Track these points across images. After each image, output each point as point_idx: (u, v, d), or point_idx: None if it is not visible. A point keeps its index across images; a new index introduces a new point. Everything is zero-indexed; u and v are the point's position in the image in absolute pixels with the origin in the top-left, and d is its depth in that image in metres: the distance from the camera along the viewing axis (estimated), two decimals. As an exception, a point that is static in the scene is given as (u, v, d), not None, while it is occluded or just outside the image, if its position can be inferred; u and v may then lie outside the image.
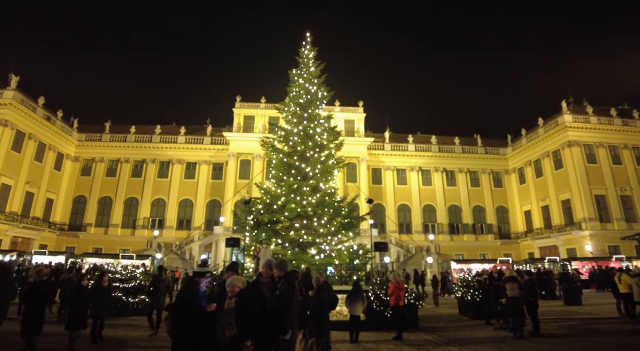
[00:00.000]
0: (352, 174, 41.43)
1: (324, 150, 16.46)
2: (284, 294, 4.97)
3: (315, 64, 18.29)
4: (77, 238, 40.32)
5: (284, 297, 4.94)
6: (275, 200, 15.07)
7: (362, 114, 43.91)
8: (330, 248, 15.21)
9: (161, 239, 37.50)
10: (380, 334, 10.26)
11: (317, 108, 17.41)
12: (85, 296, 8.55)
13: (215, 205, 41.53)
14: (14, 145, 35.46)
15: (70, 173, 42.94)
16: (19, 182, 35.90)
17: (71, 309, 8.40)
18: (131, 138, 43.74)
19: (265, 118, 42.68)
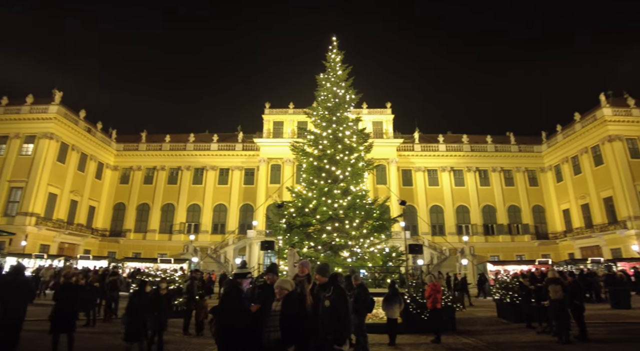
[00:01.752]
0: (382, 176, 41.15)
1: (353, 152, 16.46)
2: (336, 302, 4.89)
3: (342, 67, 18.36)
4: (117, 243, 42.14)
5: (338, 305, 4.86)
6: (307, 203, 15.20)
7: (389, 115, 43.60)
8: (363, 251, 15.18)
9: (196, 243, 38.58)
10: (417, 337, 10.15)
11: (345, 111, 17.46)
12: (145, 305, 7.90)
13: (247, 209, 42.35)
14: (59, 156, 37.59)
15: (110, 182, 45.02)
16: (64, 191, 38.01)
17: (131, 318, 7.62)
18: (166, 146, 45.38)
19: (293, 123, 43.17)
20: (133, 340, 7.42)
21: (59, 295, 8.04)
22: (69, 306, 7.81)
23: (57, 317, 7.57)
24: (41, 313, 11.13)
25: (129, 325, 7.50)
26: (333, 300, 5.02)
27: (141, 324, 7.66)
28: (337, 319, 4.85)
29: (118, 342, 9.24)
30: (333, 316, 4.88)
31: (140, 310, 7.64)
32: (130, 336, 7.38)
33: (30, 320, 10.46)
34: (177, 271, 15.45)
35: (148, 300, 8.02)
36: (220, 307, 4.51)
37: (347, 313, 4.91)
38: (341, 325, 4.81)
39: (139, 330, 7.60)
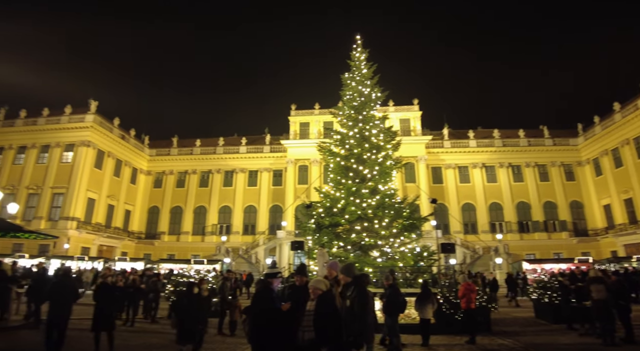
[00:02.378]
0: (411, 174, 40.59)
1: (380, 151, 16.30)
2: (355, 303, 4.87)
3: (367, 65, 18.22)
4: (152, 245, 43.62)
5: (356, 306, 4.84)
6: (335, 203, 15.19)
7: (417, 112, 42.94)
8: (393, 250, 15.01)
9: (228, 244, 39.36)
10: (451, 337, 9.96)
11: (372, 109, 17.31)
12: (195, 306, 7.76)
13: (277, 210, 42.84)
14: (96, 162, 39.37)
15: (144, 186, 46.70)
16: (102, 196, 39.77)
17: (181, 320, 7.47)
18: (197, 150, 46.65)
19: (319, 123, 43.32)
20: (186, 341, 7.37)
21: (97, 295, 8.43)
22: (108, 306, 8.15)
23: (97, 316, 7.94)
24: (83, 312, 11.69)
25: (180, 327, 7.35)
26: (352, 299, 5.00)
27: (193, 325, 7.56)
28: (354, 320, 4.82)
29: (155, 341, 9.59)
30: (352, 316, 4.86)
31: (191, 311, 7.55)
32: (184, 338, 7.32)
33: (73, 319, 11.04)
34: (210, 272, 15.78)
35: (197, 301, 7.97)
36: (252, 307, 4.58)
37: (363, 314, 4.84)
38: (358, 326, 4.76)
39: (192, 332, 7.51)
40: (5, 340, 9.10)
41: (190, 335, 7.39)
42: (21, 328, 10.53)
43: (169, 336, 10.06)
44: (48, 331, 7.61)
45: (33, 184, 38.00)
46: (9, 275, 11.90)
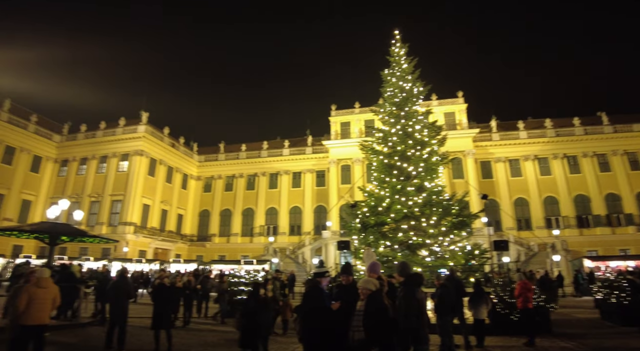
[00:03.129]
0: (458, 170, 39.24)
1: (425, 147, 15.89)
2: (402, 303, 4.80)
3: (407, 60, 17.83)
4: (204, 247, 45.46)
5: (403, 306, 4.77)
6: (380, 202, 14.99)
7: (462, 105, 41.42)
8: (442, 249, 14.58)
9: (276, 244, 40.15)
10: (507, 339, 9.51)
11: (414, 104, 16.91)
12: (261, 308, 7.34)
13: (321, 210, 43.14)
14: (149, 170, 41.66)
15: (195, 191, 48.84)
16: (155, 201, 42.03)
17: (248, 322, 6.98)
18: (242, 155, 48.18)
19: (360, 122, 43.06)
20: (250, 343, 6.95)
21: (154, 295, 8.91)
22: (164, 305, 8.58)
23: (156, 315, 8.38)
24: (145, 311, 12.38)
25: (245, 329, 6.95)
26: (400, 299, 4.93)
27: (258, 327, 7.15)
28: (404, 320, 4.74)
29: (211, 339, 9.95)
30: (403, 316, 4.79)
31: (257, 313, 7.14)
32: (247, 340, 6.89)
33: (137, 317, 11.73)
34: (260, 272, 16.13)
35: (263, 302, 7.60)
36: (303, 306, 4.62)
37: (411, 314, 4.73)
38: (407, 325, 4.66)
39: (257, 333, 7.12)
40: (77, 335, 9.86)
41: (255, 338, 6.99)
42: (90, 324, 11.35)
43: (224, 334, 10.46)
44: (110, 327, 8.29)
45: (94, 192, 40.93)
46: (77, 277, 12.85)
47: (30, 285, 6.15)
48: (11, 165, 39.54)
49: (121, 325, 8.25)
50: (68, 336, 9.56)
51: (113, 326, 8.29)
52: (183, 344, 9.28)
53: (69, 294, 11.42)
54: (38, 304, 5.96)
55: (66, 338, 9.37)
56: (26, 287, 6.10)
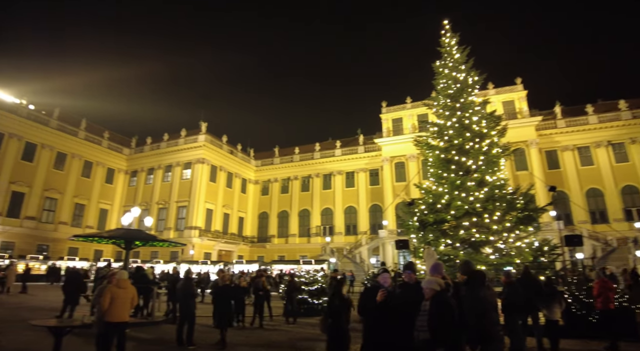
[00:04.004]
0: (522, 161, 36.94)
1: (484, 139, 15.13)
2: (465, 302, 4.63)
3: (459, 49, 17.09)
4: (264, 248, 46.96)
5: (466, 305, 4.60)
6: (438, 199, 14.51)
7: (521, 92, 38.91)
8: (508, 246, 13.80)
9: (332, 244, 40.45)
10: (585, 342, 8.77)
11: (470, 95, 16.17)
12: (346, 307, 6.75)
13: (376, 209, 42.74)
14: (210, 176, 43.91)
15: (253, 194, 50.71)
16: (218, 206, 44.18)
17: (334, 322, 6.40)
18: (296, 158, 49.15)
19: (413, 117, 42.04)
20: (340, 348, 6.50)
21: (216, 295, 9.37)
22: (225, 304, 9.01)
23: (217, 313, 8.83)
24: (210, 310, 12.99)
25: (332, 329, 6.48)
26: (465, 298, 4.72)
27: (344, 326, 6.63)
28: (470, 319, 4.55)
29: (274, 338, 10.21)
30: (471, 316, 4.60)
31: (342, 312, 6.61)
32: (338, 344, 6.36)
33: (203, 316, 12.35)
34: (319, 271, 16.31)
35: (347, 301, 7.05)
36: (364, 304, 4.62)
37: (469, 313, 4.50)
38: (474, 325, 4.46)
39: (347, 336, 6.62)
40: (152, 332, 10.61)
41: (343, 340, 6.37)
42: (163, 322, 12.16)
43: (288, 333, 10.68)
44: (179, 324, 8.83)
45: (161, 200, 43.93)
46: (150, 278, 13.82)
47: (112, 285, 6.71)
48: (89, 178, 43.80)
49: (189, 323, 8.78)
50: (145, 333, 10.29)
51: (182, 324, 8.81)
52: (247, 344, 9.61)
53: (144, 294, 12.33)
54: (119, 303, 6.50)
55: (143, 334, 10.10)
56: (109, 288, 6.67)
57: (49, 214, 39.51)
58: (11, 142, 36.74)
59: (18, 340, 8.83)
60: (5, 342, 8.55)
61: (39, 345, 8.29)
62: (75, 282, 12.93)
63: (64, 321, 8.10)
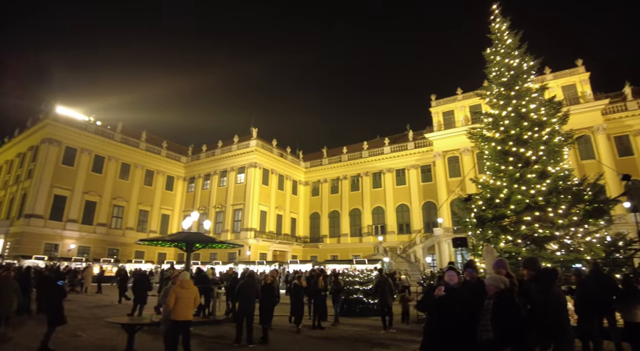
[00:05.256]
0: (587, 149, 34.18)
1: (544, 127, 14.17)
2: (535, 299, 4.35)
3: (511, 34, 16.15)
4: (317, 248, 47.39)
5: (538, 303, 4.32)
6: (496, 193, 13.79)
7: (583, 74, 35.90)
8: (576, 241, 12.81)
9: (385, 244, 39.94)
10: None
11: (525, 82, 15.23)
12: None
13: (430, 207, 41.57)
14: (263, 179, 45.18)
15: (304, 195, 51.42)
16: (271, 208, 45.36)
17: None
18: (344, 157, 49.12)
19: (464, 109, 40.37)
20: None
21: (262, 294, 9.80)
22: (268, 302, 9.59)
23: (260, 311, 9.29)
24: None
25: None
26: (535, 296, 4.42)
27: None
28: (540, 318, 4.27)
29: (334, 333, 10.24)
30: (542, 315, 4.31)
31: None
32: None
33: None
34: (373, 271, 16.17)
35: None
36: (423, 301, 4.52)
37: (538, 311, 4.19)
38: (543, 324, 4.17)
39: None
40: (214, 330, 11.09)
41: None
42: (223, 321, 12.65)
43: (339, 332, 10.67)
44: (239, 323, 9.19)
45: (218, 204, 45.88)
46: (210, 279, 14.43)
47: (176, 286, 7.09)
48: (151, 185, 46.90)
49: (249, 320, 9.12)
50: (207, 331, 10.77)
51: (241, 323, 9.16)
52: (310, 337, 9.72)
53: (205, 294, 12.90)
54: (183, 303, 6.86)
55: (206, 332, 10.57)
56: (173, 288, 7.06)
57: (117, 220, 42.81)
58: (83, 156, 40.28)
59: (97, 335, 9.60)
60: (86, 337, 9.34)
61: (114, 340, 8.96)
62: (143, 283, 13.85)
63: (135, 319, 8.68)
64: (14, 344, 8.58)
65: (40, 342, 7.57)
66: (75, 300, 17.73)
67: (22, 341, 8.94)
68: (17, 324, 11.20)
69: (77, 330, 9.97)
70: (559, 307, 4.29)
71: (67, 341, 8.08)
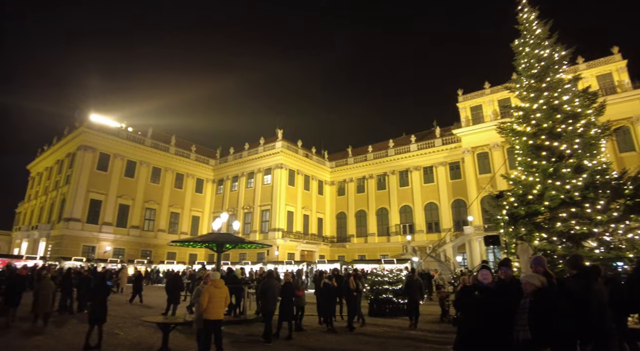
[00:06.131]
0: (626, 141, 32.47)
1: (578, 119, 13.57)
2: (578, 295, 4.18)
3: (540, 24, 15.56)
4: (344, 247, 47.28)
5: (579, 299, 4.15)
6: (529, 189, 13.32)
7: (620, 62, 34.10)
8: (616, 238, 12.21)
9: (413, 243, 39.39)
10: None
11: (557, 72, 14.64)
12: None
13: (459, 204, 40.65)
14: (289, 180, 45.52)
15: (330, 195, 51.40)
16: (297, 208, 45.68)
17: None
18: (370, 156, 48.74)
19: (493, 103, 39.28)
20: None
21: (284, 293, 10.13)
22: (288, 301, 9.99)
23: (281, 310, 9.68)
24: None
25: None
26: (576, 293, 4.23)
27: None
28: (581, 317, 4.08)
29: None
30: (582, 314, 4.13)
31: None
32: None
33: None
34: (402, 270, 15.99)
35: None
36: (459, 300, 4.45)
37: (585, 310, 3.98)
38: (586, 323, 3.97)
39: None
40: (245, 328, 11.24)
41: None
42: (254, 321, 12.81)
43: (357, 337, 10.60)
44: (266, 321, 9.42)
45: (246, 205, 46.57)
46: (240, 278, 14.64)
47: (209, 285, 7.22)
48: (181, 188, 48.20)
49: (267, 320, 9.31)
50: (238, 330, 10.95)
51: (268, 321, 9.38)
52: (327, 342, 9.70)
53: (236, 294, 13.12)
54: (216, 302, 6.99)
55: (237, 331, 10.75)
56: (206, 287, 7.19)
57: (149, 223, 44.20)
58: (116, 162, 41.87)
59: (133, 334, 9.94)
60: (123, 335, 9.69)
61: (150, 339, 9.25)
62: (176, 284, 14.23)
63: (169, 319, 8.93)
64: (56, 340, 9.00)
65: (99, 341, 7.98)
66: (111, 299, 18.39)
67: (65, 336, 9.41)
68: (60, 322, 11.78)
69: (114, 329, 10.36)
70: (601, 305, 4.10)
71: (106, 339, 8.43)
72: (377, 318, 13.64)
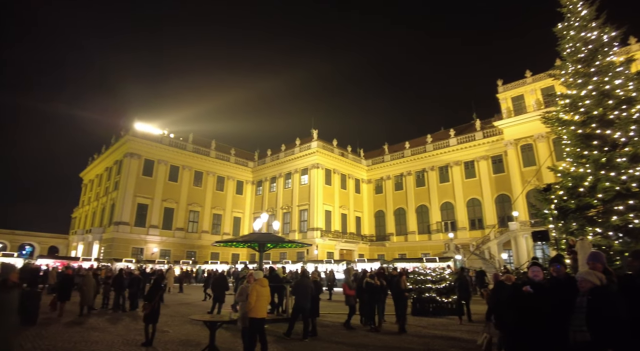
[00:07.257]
0: (690, 126, 29.81)
1: (633, 104, 12.69)
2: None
3: (586, 5, 14.66)
4: (383, 246, 46.75)
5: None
6: (579, 181, 12.60)
7: (681, 41, 31.51)
8: (685, 231, 11.29)
9: (456, 240, 38.25)
10: None
11: (607, 55, 13.74)
12: None
13: (503, 199, 39.03)
14: (326, 180, 45.67)
15: (367, 194, 50.99)
16: (335, 207, 45.68)
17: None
18: (407, 152, 47.83)
19: (536, 92, 37.40)
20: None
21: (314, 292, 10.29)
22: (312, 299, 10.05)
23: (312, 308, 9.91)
24: (340, 308, 13.37)
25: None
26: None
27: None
28: None
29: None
30: None
31: None
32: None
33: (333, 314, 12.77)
34: (445, 269, 15.61)
35: None
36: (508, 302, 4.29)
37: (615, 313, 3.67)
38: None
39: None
40: (284, 326, 11.36)
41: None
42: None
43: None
44: (304, 320, 9.61)
45: (285, 205, 47.22)
46: (281, 277, 14.85)
47: (256, 284, 7.33)
48: (223, 191, 49.69)
49: (311, 317, 9.52)
50: (281, 329, 11.06)
51: (306, 320, 9.61)
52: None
53: (278, 292, 13.32)
54: (262, 300, 7.12)
55: (280, 329, 10.87)
56: (254, 286, 7.29)
57: (193, 225, 45.90)
58: (160, 167, 43.82)
59: (181, 331, 10.35)
60: (172, 333, 10.10)
61: (198, 336, 9.59)
62: (221, 283, 14.66)
63: (215, 317, 9.20)
64: (113, 336, 9.54)
65: (151, 338, 8.51)
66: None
67: (120, 332, 9.96)
68: (114, 319, 12.49)
69: (164, 326, 10.81)
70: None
71: (157, 336, 8.84)
72: (421, 318, 13.38)
